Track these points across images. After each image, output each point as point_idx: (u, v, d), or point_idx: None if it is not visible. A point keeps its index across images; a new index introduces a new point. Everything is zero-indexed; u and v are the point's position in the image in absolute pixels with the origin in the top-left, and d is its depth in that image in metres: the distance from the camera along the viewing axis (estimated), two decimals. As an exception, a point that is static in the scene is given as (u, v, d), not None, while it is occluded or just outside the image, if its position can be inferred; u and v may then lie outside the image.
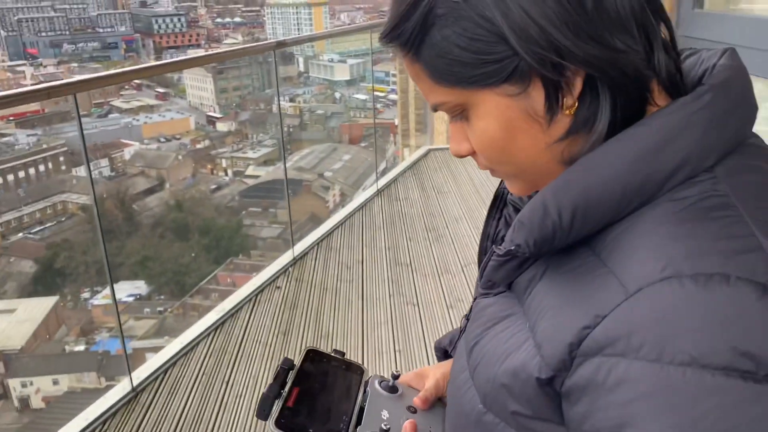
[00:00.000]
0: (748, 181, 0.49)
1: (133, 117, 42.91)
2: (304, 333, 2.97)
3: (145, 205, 30.15)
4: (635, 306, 0.44)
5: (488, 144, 0.54)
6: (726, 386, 0.40)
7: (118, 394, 2.50)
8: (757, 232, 0.45)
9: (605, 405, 0.44)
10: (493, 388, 0.55)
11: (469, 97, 0.53)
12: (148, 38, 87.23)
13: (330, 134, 37.02)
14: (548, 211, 0.50)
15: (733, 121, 0.50)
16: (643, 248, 0.46)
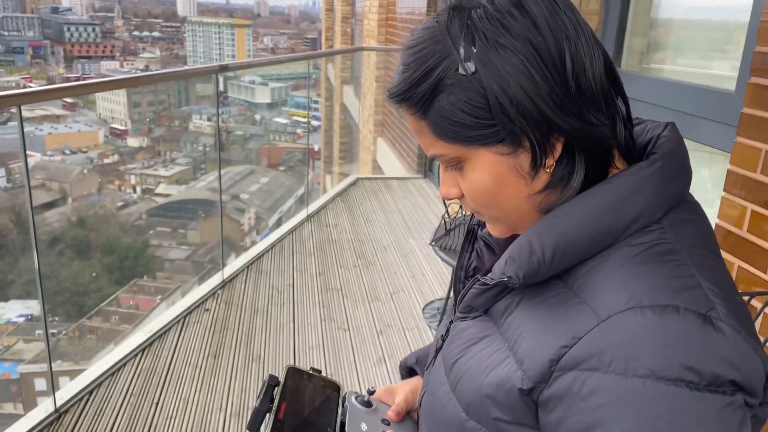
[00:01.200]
0: (686, 231, 0.62)
1: (36, 126, 40.53)
2: (235, 355, 2.96)
3: (43, 220, 28.38)
4: (606, 329, 0.55)
5: (479, 192, 0.65)
6: (676, 394, 0.52)
7: (39, 415, 2.40)
8: (696, 273, 0.58)
9: (579, 410, 0.55)
10: (476, 398, 0.64)
11: (466, 153, 0.63)
12: (59, 46, 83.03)
13: (248, 156, 36.51)
14: (534, 249, 0.61)
15: (677, 183, 0.63)
16: (611, 283, 0.58)
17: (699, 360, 0.52)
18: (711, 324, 0.54)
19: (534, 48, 0.58)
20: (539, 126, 0.59)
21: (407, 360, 0.95)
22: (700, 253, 0.60)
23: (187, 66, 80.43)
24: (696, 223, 0.63)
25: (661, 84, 2.44)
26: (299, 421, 0.74)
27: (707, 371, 0.52)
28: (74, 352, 19.97)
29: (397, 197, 5.54)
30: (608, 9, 2.67)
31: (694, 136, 2.18)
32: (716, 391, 0.53)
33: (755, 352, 0.56)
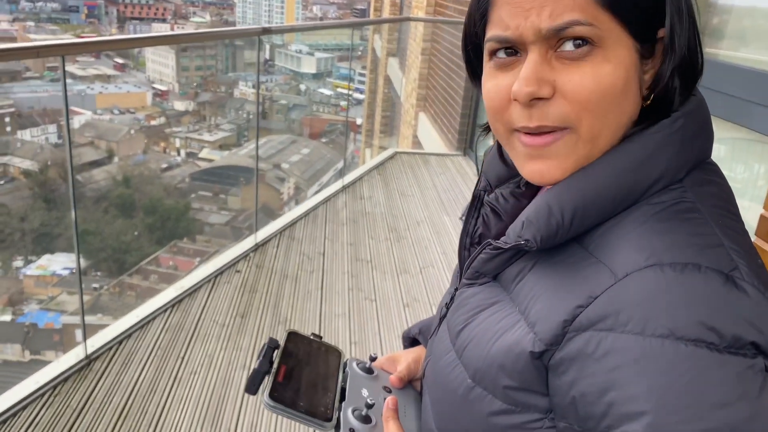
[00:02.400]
0: (708, 191, 0.59)
1: (88, 85, 41.50)
2: (262, 317, 3.00)
3: (90, 177, 29.21)
4: (623, 288, 0.52)
5: (603, 89, 0.56)
6: (696, 355, 0.49)
7: (70, 360, 2.48)
8: (718, 232, 0.55)
9: (592, 372, 0.51)
10: (484, 364, 0.61)
11: (612, 34, 0.56)
12: (113, 6, 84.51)
13: (290, 126, 36.74)
14: (552, 211, 0.58)
15: (699, 143, 0.60)
16: (629, 241, 0.55)
17: (720, 320, 0.49)
18: (734, 284, 0.51)
19: None
20: (684, 45, 0.57)
21: (410, 330, 0.93)
22: (722, 213, 0.58)
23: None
24: (717, 184, 0.61)
25: (713, 66, 2.33)
26: (298, 384, 0.73)
27: (728, 332, 0.49)
28: (114, 308, 20.67)
29: (434, 173, 5.49)
30: None
31: (747, 122, 2.08)
32: (737, 353, 0.49)
33: None
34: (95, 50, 3.54)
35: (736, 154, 2.44)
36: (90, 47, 2.26)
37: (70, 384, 2.38)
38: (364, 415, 0.71)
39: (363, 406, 0.73)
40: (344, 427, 0.70)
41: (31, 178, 29.49)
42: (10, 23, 69.82)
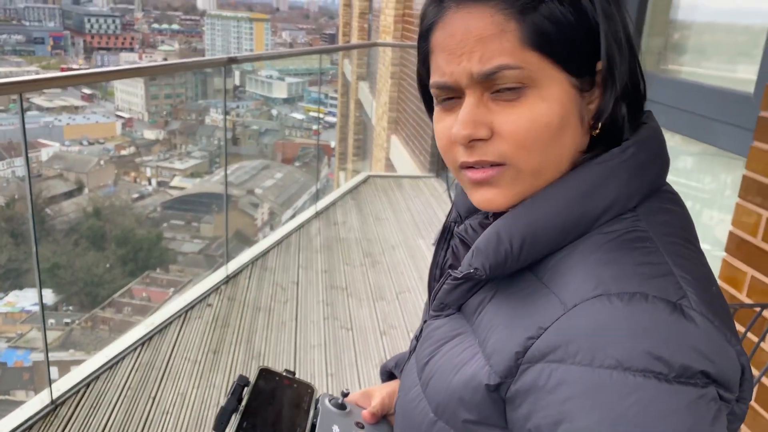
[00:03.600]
0: (662, 219, 0.58)
1: (55, 117, 40.94)
2: (235, 352, 2.93)
3: (60, 210, 28.67)
4: (572, 318, 0.52)
5: (540, 127, 0.56)
6: (644, 386, 0.48)
7: (36, 406, 2.38)
8: (668, 260, 0.54)
9: (546, 404, 0.51)
10: (445, 397, 0.60)
11: (544, 73, 0.56)
12: (79, 37, 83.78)
13: (263, 151, 36.62)
14: (501, 239, 0.58)
15: (651, 171, 0.60)
16: (578, 272, 0.54)
17: (668, 350, 0.49)
18: (681, 312, 0.51)
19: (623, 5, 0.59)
20: (624, 76, 0.57)
21: (387, 364, 0.92)
22: (676, 241, 0.57)
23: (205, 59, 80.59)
24: (673, 212, 0.60)
25: (677, 85, 2.37)
26: (267, 422, 0.71)
27: (676, 361, 0.49)
28: (86, 342, 20.16)
29: (408, 196, 5.49)
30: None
31: (710, 139, 2.11)
32: (687, 382, 0.49)
33: (729, 343, 0.52)
34: (54, 86, 3.46)
35: (703, 167, 2.47)
36: (48, 83, 2.21)
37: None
38: None
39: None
40: None
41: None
42: (-27, 56, 68.78)
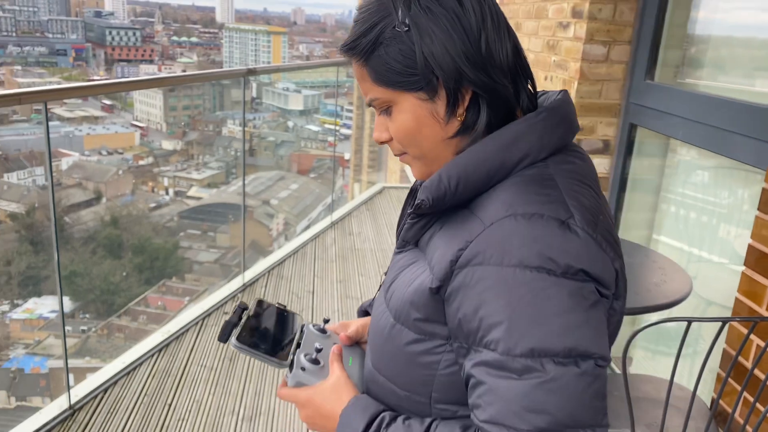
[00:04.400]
0: (565, 168, 0.77)
1: (75, 127, 41.56)
2: (251, 360, 2.94)
3: (78, 219, 29.02)
4: (489, 233, 0.70)
5: (403, 131, 0.79)
6: (538, 278, 0.66)
7: (54, 411, 2.41)
8: (564, 193, 0.73)
9: (470, 296, 0.70)
10: (401, 304, 0.78)
11: (395, 97, 0.78)
12: (100, 49, 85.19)
13: (279, 162, 36.83)
14: (441, 179, 0.75)
15: (559, 131, 0.78)
16: (495, 200, 0.73)
17: (556, 253, 0.67)
18: (568, 227, 0.69)
19: (456, 17, 0.74)
20: (453, 76, 0.74)
21: (363, 304, 1.09)
22: (573, 182, 0.75)
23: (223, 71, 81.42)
24: (575, 164, 0.79)
25: (695, 98, 2.36)
26: (262, 334, 0.90)
27: (562, 261, 0.67)
28: (102, 350, 20.32)
29: (423, 207, 5.49)
30: (642, 21, 2.60)
31: (728, 152, 2.10)
32: (570, 277, 0.67)
33: (604, 251, 0.71)
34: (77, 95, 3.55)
35: (721, 180, 2.46)
36: (71, 93, 2.25)
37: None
38: (314, 358, 0.88)
39: (313, 351, 0.90)
40: (296, 366, 0.87)
41: (17, 221, 29.24)
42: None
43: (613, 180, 2.75)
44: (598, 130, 2.71)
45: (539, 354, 0.65)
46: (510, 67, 0.77)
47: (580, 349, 0.66)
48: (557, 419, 0.65)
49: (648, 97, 2.56)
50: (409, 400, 0.80)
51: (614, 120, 2.70)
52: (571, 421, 0.65)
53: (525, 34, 3.26)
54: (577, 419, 0.65)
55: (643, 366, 2.81)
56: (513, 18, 3.46)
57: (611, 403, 1.88)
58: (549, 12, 2.94)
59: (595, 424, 0.66)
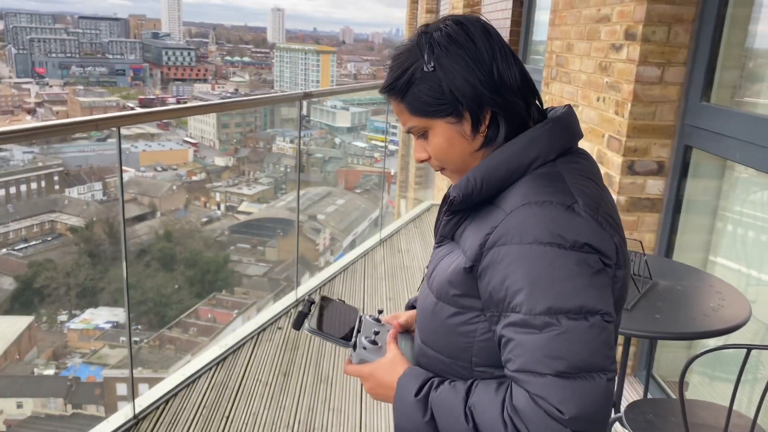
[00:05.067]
0: (571, 167, 0.93)
1: (132, 143, 43.14)
2: (304, 375, 3.02)
3: (133, 232, 29.98)
4: (509, 219, 0.86)
5: (438, 151, 0.97)
6: (549, 251, 0.82)
7: (119, 420, 2.53)
8: (569, 185, 0.89)
9: (497, 271, 0.85)
10: (442, 285, 0.94)
11: (429, 123, 0.95)
12: (157, 68, 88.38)
13: (326, 178, 37.31)
14: (469, 179, 0.92)
15: (563, 137, 0.94)
16: (514, 194, 0.89)
17: (564, 230, 0.83)
18: (573, 210, 0.85)
19: (471, 53, 0.91)
20: (474, 101, 0.91)
21: (410, 300, 1.22)
22: (578, 177, 0.91)
23: (273, 90, 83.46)
24: (580, 163, 0.95)
25: (753, 120, 2.33)
26: (329, 322, 1.06)
27: (570, 237, 0.83)
28: (153, 361, 20.83)
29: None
30: (698, 42, 2.59)
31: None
32: (577, 250, 0.83)
33: (604, 229, 0.86)
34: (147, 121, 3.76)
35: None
36: (142, 118, 2.40)
37: (118, 444, 2.42)
38: (373, 339, 1.04)
39: (372, 334, 1.06)
40: (359, 346, 1.03)
41: (77, 234, 30.44)
42: (61, 87, 73.59)
43: (668, 201, 2.72)
44: (652, 152, 2.69)
45: (555, 311, 0.80)
46: (519, 87, 0.93)
47: (588, 306, 0.81)
48: (572, 363, 0.79)
49: (704, 119, 2.53)
50: (454, 365, 0.94)
51: (668, 141, 2.68)
52: (584, 364, 0.79)
53: (576, 55, 3.28)
54: (589, 363, 0.80)
55: (700, 392, 2.76)
56: (564, 39, 3.48)
57: (667, 428, 1.86)
58: (601, 34, 2.95)
59: (605, 369, 0.80)
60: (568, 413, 0.78)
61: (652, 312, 1.83)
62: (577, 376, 0.79)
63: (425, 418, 0.90)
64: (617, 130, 2.74)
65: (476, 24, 0.94)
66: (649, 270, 2.01)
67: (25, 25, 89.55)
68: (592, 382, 0.79)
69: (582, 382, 0.79)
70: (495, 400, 0.84)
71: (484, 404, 0.85)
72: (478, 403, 0.86)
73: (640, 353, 2.94)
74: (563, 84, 3.48)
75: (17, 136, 1.98)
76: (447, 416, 0.88)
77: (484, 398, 0.86)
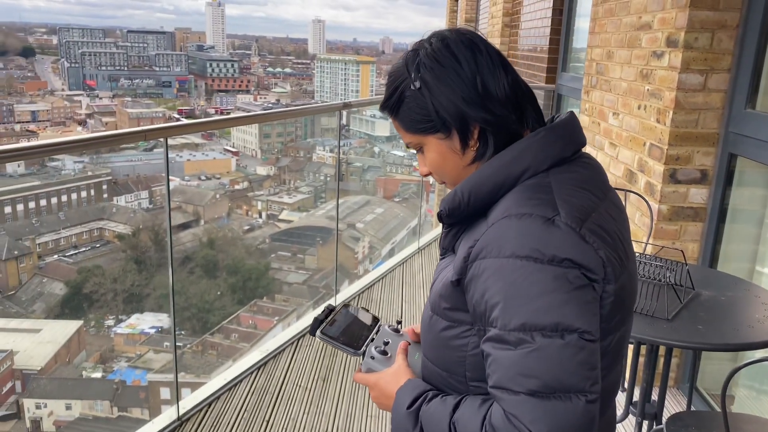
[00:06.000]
0: (565, 177, 0.91)
1: (177, 153, 44.23)
2: (343, 380, 3.05)
3: (178, 240, 30.67)
4: (490, 232, 0.86)
5: (434, 165, 0.99)
6: (526, 266, 0.81)
7: (164, 421, 2.61)
8: (555, 197, 0.87)
9: (478, 285, 0.85)
10: (435, 298, 0.96)
11: (422, 140, 0.98)
12: (201, 80, 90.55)
13: (365, 187, 37.51)
14: (456, 193, 0.92)
15: (558, 146, 0.92)
16: (500, 207, 0.88)
17: (542, 244, 0.81)
18: (552, 223, 0.83)
19: (454, 70, 0.92)
20: (458, 118, 0.93)
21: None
22: (569, 187, 0.89)
23: (314, 100, 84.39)
24: (577, 173, 0.93)
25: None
26: (343, 329, 1.08)
27: (548, 251, 0.81)
28: (196, 366, 21.21)
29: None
30: (743, 48, 2.54)
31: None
32: (556, 264, 0.81)
33: (586, 242, 0.84)
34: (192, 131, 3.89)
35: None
36: (188, 129, 2.49)
37: (163, 444, 2.50)
38: (383, 350, 1.06)
39: (382, 344, 1.07)
40: (367, 355, 1.05)
41: (124, 241, 31.31)
42: (110, 99, 76.08)
43: (712, 210, 2.67)
44: (695, 160, 2.65)
45: (529, 328, 0.79)
46: (509, 97, 0.93)
47: (565, 324, 0.79)
48: (545, 383, 0.77)
49: (749, 126, 2.48)
50: (450, 379, 0.95)
51: (712, 149, 2.64)
52: (558, 384, 0.77)
53: (617, 62, 3.25)
54: (564, 383, 0.77)
55: (747, 406, 2.68)
56: (604, 47, 3.45)
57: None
58: (642, 41, 2.92)
59: (584, 390, 0.78)
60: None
61: (695, 322, 1.80)
62: (552, 396, 0.77)
63: (415, 431, 0.92)
64: (659, 138, 2.70)
65: (462, 39, 0.94)
66: (691, 280, 1.98)
67: (77, 40, 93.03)
68: (568, 403, 0.77)
69: (557, 402, 0.77)
70: (477, 416, 0.85)
71: (466, 420, 0.86)
72: (461, 418, 0.86)
73: (683, 365, 2.88)
74: (603, 92, 3.45)
75: (72, 147, 2.08)
76: (434, 429, 0.89)
77: (467, 414, 0.87)
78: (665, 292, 1.86)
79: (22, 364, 22.24)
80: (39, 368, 21.92)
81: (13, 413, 21.36)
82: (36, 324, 25.38)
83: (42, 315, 26.98)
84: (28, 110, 64.95)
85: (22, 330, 24.25)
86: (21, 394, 21.45)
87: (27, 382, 21.73)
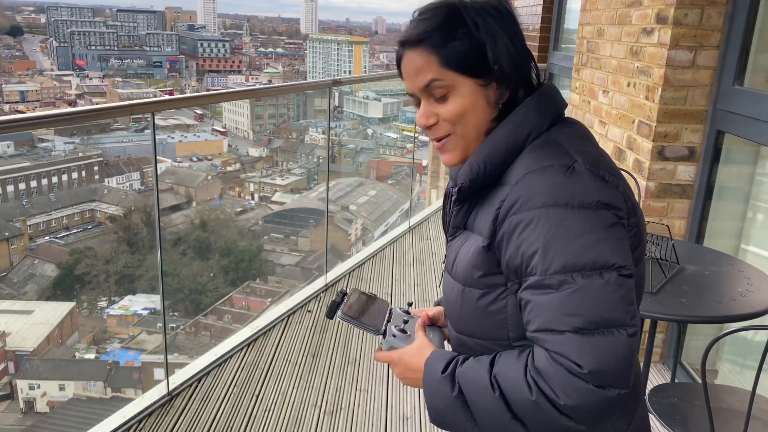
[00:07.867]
0: (565, 131, 0.96)
1: (168, 134, 43.94)
2: (333, 356, 3.08)
3: (170, 221, 30.56)
4: (515, 189, 0.89)
5: (458, 113, 0.96)
6: (558, 212, 0.84)
7: (154, 396, 2.62)
8: (566, 148, 0.91)
9: (512, 241, 0.88)
10: (466, 270, 0.97)
11: (457, 81, 0.95)
12: (192, 60, 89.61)
13: (358, 169, 37.45)
14: (473, 165, 0.95)
15: (552, 107, 0.97)
16: (517, 167, 0.92)
17: (569, 190, 0.86)
18: (574, 170, 0.88)
19: (513, 21, 0.96)
20: (510, 69, 0.94)
21: (438, 300, 1.26)
22: (573, 139, 0.94)
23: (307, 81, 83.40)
24: (573, 127, 0.98)
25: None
26: (361, 311, 1.12)
27: (576, 196, 0.85)
28: (189, 347, 21.28)
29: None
30: (732, 25, 2.54)
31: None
32: (585, 207, 0.85)
33: (607, 182, 0.88)
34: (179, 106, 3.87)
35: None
36: (175, 104, 2.47)
37: (153, 419, 2.52)
38: (402, 328, 1.10)
39: (401, 323, 1.12)
40: (389, 334, 1.09)
41: (115, 223, 31.20)
42: (100, 79, 75.24)
43: (699, 187, 2.69)
44: (683, 137, 2.66)
45: (570, 269, 0.83)
46: (530, 59, 0.99)
47: (602, 261, 0.83)
48: (589, 319, 0.81)
49: (737, 103, 2.49)
50: (493, 347, 0.96)
51: (700, 126, 2.65)
52: (601, 320, 0.81)
53: (607, 40, 3.24)
54: (606, 319, 0.81)
55: (730, 379, 2.73)
56: (595, 24, 3.44)
57: (691, 412, 1.86)
58: (632, 18, 2.92)
59: (624, 324, 0.82)
60: (588, 367, 0.79)
61: (678, 296, 1.82)
62: (596, 332, 0.80)
63: (453, 393, 0.91)
64: (647, 116, 2.71)
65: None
66: (676, 254, 2.00)
67: (66, 19, 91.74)
68: (611, 337, 0.80)
69: (600, 337, 0.80)
70: (518, 365, 0.86)
71: (508, 370, 0.87)
72: (501, 370, 0.88)
73: (668, 340, 2.92)
74: (594, 70, 3.44)
75: (58, 120, 2.07)
76: (474, 387, 0.90)
77: (507, 365, 0.88)
78: (650, 267, 1.88)
79: (15, 345, 22.25)
80: (32, 349, 21.94)
81: (7, 394, 21.42)
82: (28, 305, 25.35)
83: (34, 296, 26.94)
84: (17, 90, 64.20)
85: (14, 311, 24.22)
86: (14, 375, 21.50)
87: (20, 363, 21.76)
